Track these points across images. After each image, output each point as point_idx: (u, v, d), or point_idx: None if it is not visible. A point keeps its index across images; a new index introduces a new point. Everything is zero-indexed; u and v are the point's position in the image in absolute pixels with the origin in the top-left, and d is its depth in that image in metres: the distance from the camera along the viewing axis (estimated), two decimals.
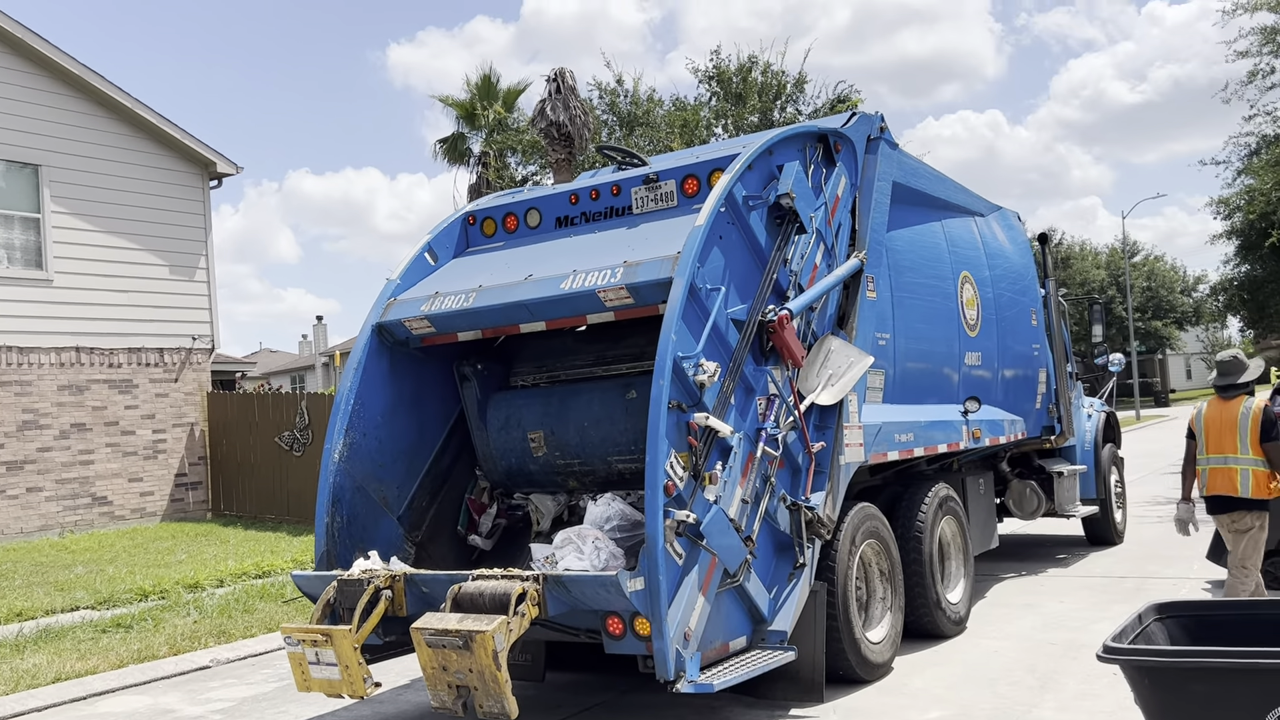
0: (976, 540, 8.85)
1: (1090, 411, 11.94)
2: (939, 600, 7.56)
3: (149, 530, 16.48)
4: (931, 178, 8.60)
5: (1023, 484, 10.46)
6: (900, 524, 7.50)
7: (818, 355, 6.58)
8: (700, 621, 5.30)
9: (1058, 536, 12.51)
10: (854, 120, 7.40)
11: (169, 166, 17.75)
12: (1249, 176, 20.69)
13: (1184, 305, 57.85)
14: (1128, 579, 9.70)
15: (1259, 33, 16.96)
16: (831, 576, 6.37)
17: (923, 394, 7.94)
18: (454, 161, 28.53)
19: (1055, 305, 10.88)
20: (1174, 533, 7.90)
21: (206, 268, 18.17)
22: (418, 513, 6.80)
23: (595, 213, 6.92)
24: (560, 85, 20.81)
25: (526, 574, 5.14)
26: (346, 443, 6.35)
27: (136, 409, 17.11)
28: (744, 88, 26.08)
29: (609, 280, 5.82)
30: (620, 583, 4.92)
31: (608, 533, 5.74)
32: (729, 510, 5.56)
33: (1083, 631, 7.70)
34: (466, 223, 7.37)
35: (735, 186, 6.06)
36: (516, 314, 6.20)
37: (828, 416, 6.54)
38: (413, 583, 5.56)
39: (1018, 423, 9.56)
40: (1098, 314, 12.81)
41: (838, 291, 6.92)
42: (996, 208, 10.14)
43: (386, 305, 6.67)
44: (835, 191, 7.03)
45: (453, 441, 7.08)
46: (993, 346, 9.18)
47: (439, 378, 6.99)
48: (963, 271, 8.73)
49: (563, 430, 6.69)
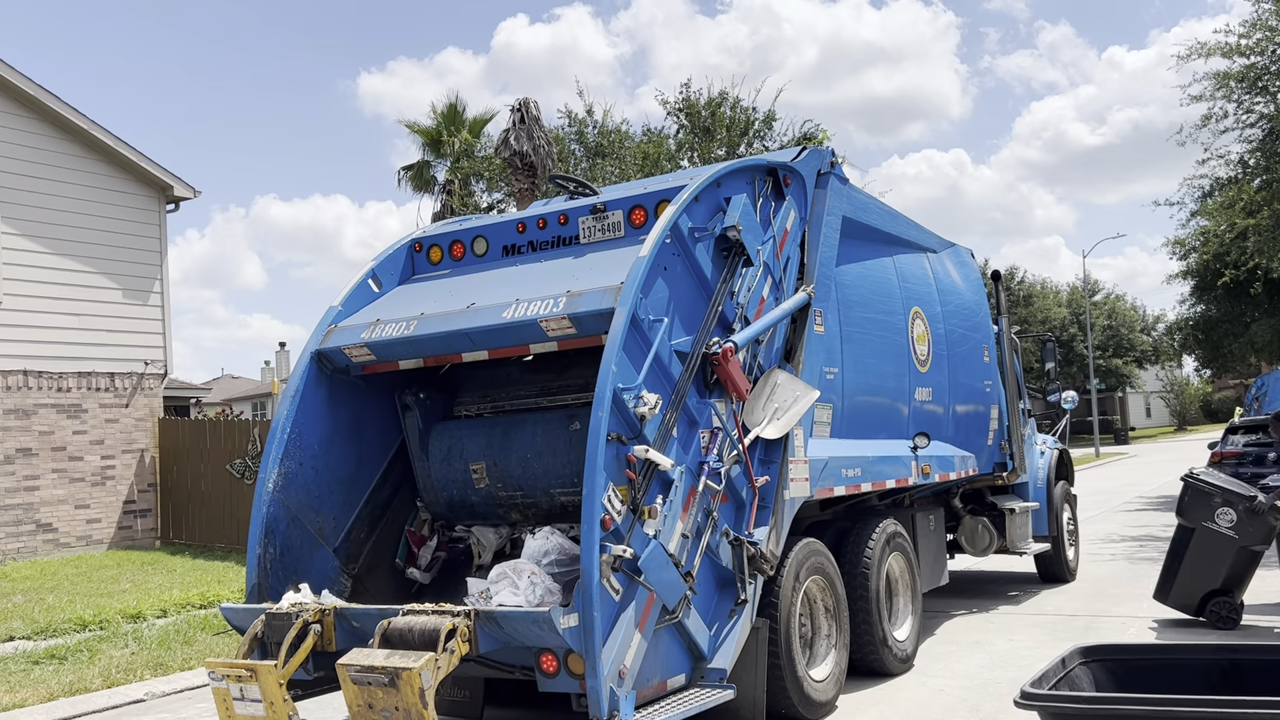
0: (926, 577, 8.81)
1: (1043, 448, 11.97)
2: (885, 638, 7.49)
3: (95, 558, 16.11)
4: (883, 213, 8.62)
5: (975, 520, 10.45)
6: (847, 560, 7.44)
7: (763, 388, 6.53)
8: (637, 659, 5.20)
9: (1010, 573, 12.51)
10: (804, 155, 7.41)
11: (124, 189, 17.53)
12: (1203, 218, 21.03)
13: (1143, 344, 58.61)
14: (1078, 617, 9.68)
15: (1212, 78, 17.26)
16: (774, 613, 6.28)
17: (872, 429, 7.91)
18: (419, 189, 28.45)
19: (1008, 342, 10.93)
20: (1126, 570, 7.91)
21: (161, 292, 17.92)
22: (355, 544, 6.65)
23: (542, 242, 6.86)
24: (525, 115, 20.78)
25: (458, 609, 5.02)
26: (282, 472, 6.21)
27: (85, 434, 16.78)
28: (713, 122, 26.21)
29: (551, 310, 5.75)
30: (553, 619, 4.82)
31: (545, 567, 5.63)
32: (669, 545, 5.48)
33: (1029, 670, 7.63)
34: (413, 250, 7.28)
35: (681, 218, 6.02)
36: (458, 343, 6.11)
37: (773, 450, 6.49)
38: (343, 617, 5.42)
39: (969, 459, 9.55)
40: (1050, 351, 12.89)
41: (785, 325, 6.89)
42: (949, 244, 10.19)
43: (327, 332, 6.56)
44: (784, 225, 7.02)
45: (393, 472, 6.96)
46: (944, 382, 9.18)
47: (380, 407, 6.88)
48: (914, 307, 8.75)
49: (505, 462, 6.58)
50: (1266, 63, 16.58)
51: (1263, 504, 8.54)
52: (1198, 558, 8.80)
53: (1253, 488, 8.87)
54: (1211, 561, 8.73)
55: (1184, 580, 8.87)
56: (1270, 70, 16.60)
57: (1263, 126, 17.07)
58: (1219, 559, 8.72)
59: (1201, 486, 8.84)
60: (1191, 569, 8.83)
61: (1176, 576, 8.91)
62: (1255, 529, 8.57)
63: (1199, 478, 8.92)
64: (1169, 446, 46.28)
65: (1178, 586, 8.89)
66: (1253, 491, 8.72)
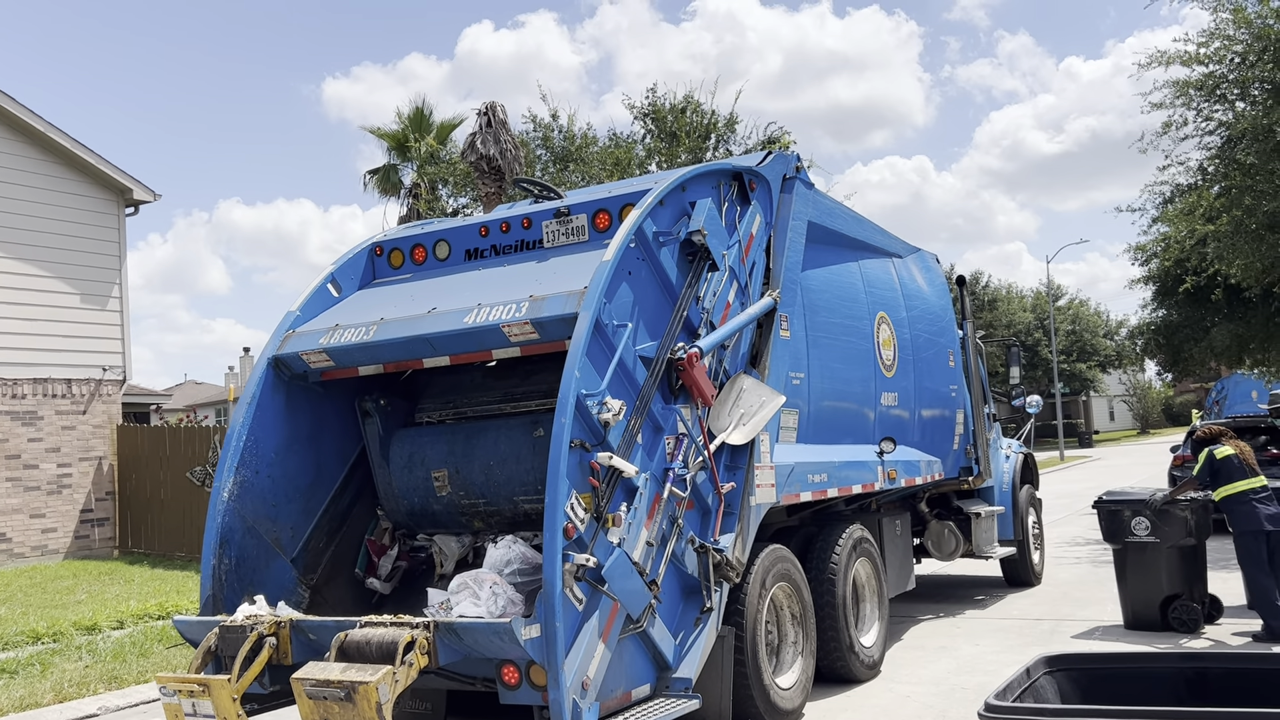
0: (893, 582, 8.79)
1: (1008, 453, 12.02)
2: (852, 644, 7.45)
3: (50, 569, 15.77)
4: (848, 218, 8.60)
5: (941, 525, 10.46)
6: (814, 566, 7.40)
7: (729, 394, 6.48)
8: (600, 669, 5.12)
9: (976, 577, 12.54)
10: (770, 159, 7.37)
11: (82, 193, 17.22)
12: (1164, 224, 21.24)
13: (1107, 349, 59.24)
14: (1043, 621, 9.70)
15: (1172, 86, 17.44)
16: (740, 621, 6.22)
17: (838, 434, 7.88)
18: (385, 193, 28.17)
19: (973, 347, 10.96)
20: (1090, 574, 7.96)
21: (120, 296, 17.62)
22: (313, 554, 6.52)
23: (505, 246, 6.77)
24: (491, 119, 20.65)
25: (417, 621, 4.92)
26: (237, 481, 6.07)
27: (40, 442, 16.44)
28: (678, 126, 26.19)
29: (514, 315, 5.66)
30: (514, 630, 4.72)
31: (508, 576, 5.54)
32: (633, 553, 5.40)
33: (996, 675, 7.63)
34: (373, 254, 7.17)
35: (646, 222, 5.96)
36: (418, 348, 6.00)
37: (739, 456, 6.43)
38: (299, 629, 5.29)
39: (935, 463, 9.55)
40: (1015, 355, 12.95)
41: (751, 330, 6.84)
42: (915, 249, 10.20)
43: (284, 337, 6.43)
44: (750, 230, 6.98)
45: (354, 480, 6.83)
46: (910, 387, 9.18)
47: (340, 413, 6.75)
48: (879, 312, 8.73)
49: (468, 469, 6.48)
50: (1225, 71, 16.78)
51: (1156, 501, 8.67)
52: (1137, 573, 8.88)
53: (1155, 491, 9.04)
54: (1150, 572, 8.81)
55: (1135, 598, 8.93)
56: (1228, 79, 16.81)
57: (1221, 134, 17.27)
58: (1155, 567, 8.79)
59: (1109, 506, 9.01)
60: (1137, 585, 8.90)
61: (1129, 598, 8.97)
62: (1172, 527, 8.68)
63: (1104, 499, 9.10)
64: (1132, 449, 46.81)
65: (1133, 606, 8.96)
66: (1152, 494, 8.86)
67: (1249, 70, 15.73)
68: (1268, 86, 15.78)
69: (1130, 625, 8.96)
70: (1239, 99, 16.54)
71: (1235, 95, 16.74)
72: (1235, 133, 16.64)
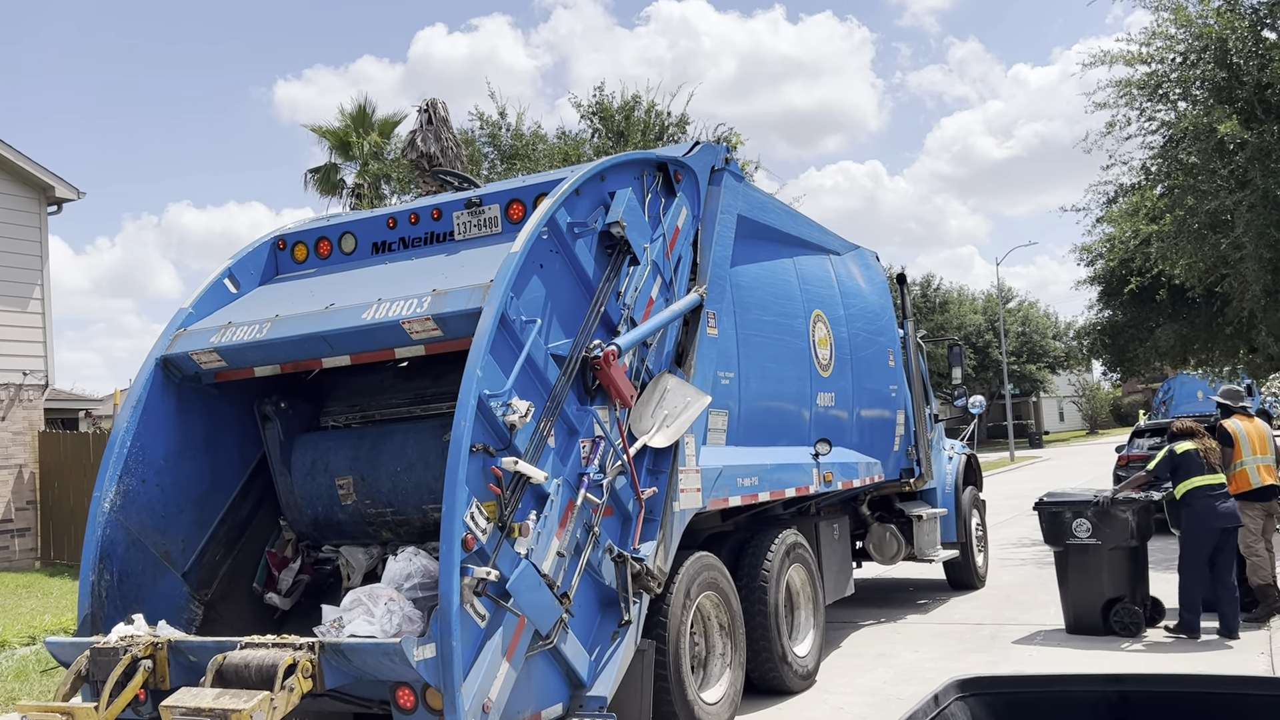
0: (830, 588, 8.52)
1: (951, 454, 11.82)
2: (785, 654, 7.16)
3: None
4: (782, 213, 8.33)
5: (882, 528, 10.23)
6: (744, 573, 7.10)
7: (652, 394, 6.16)
8: (504, 690, 4.77)
9: (920, 580, 12.33)
10: (697, 150, 7.07)
11: (1, 190, 16.51)
12: (1108, 224, 21.27)
13: (1056, 350, 59.77)
14: (984, 625, 9.49)
15: (1115, 85, 17.41)
16: (663, 633, 5.91)
17: (771, 435, 7.59)
18: (326, 193, 27.52)
19: (915, 346, 10.74)
20: (1034, 576, 7.80)
21: (42, 298, 16.92)
22: (209, 568, 6.10)
23: (415, 238, 6.40)
24: (432, 116, 20.15)
25: (300, 642, 4.54)
26: (120, 490, 5.65)
27: None
28: (626, 126, 25.88)
29: (415, 310, 5.30)
30: (405, 651, 4.36)
31: (408, 591, 5.16)
32: (542, 565, 5.06)
33: (932, 684, 7.36)
34: (276, 248, 6.76)
35: (559, 212, 5.62)
36: (315, 347, 5.61)
37: (662, 460, 6.11)
38: (178, 650, 4.89)
39: (874, 465, 9.30)
40: (957, 355, 12.77)
41: (676, 327, 6.52)
42: (854, 247, 9.96)
43: (174, 336, 6.01)
44: (675, 223, 6.66)
45: (254, 488, 6.41)
46: (847, 387, 8.92)
47: (238, 417, 6.33)
48: (815, 310, 8.46)
49: (374, 476, 6.09)
50: (1166, 70, 16.77)
51: (1105, 501, 8.51)
52: (1079, 575, 8.70)
53: (1096, 492, 8.89)
54: (1092, 574, 8.64)
55: (1077, 602, 8.74)
56: (1170, 78, 16.80)
57: (1164, 133, 17.27)
58: (1097, 569, 8.62)
59: (1049, 508, 8.84)
60: (1078, 588, 8.72)
61: (1071, 601, 8.79)
62: (1114, 529, 8.52)
63: (1044, 500, 8.93)
64: (1081, 449, 47.23)
65: (1075, 610, 8.77)
66: (1094, 495, 8.68)
67: (1190, 70, 15.73)
68: (1208, 86, 15.79)
69: (1072, 629, 8.77)
70: (1180, 98, 16.54)
71: (1177, 95, 16.75)
72: (1177, 132, 16.65)
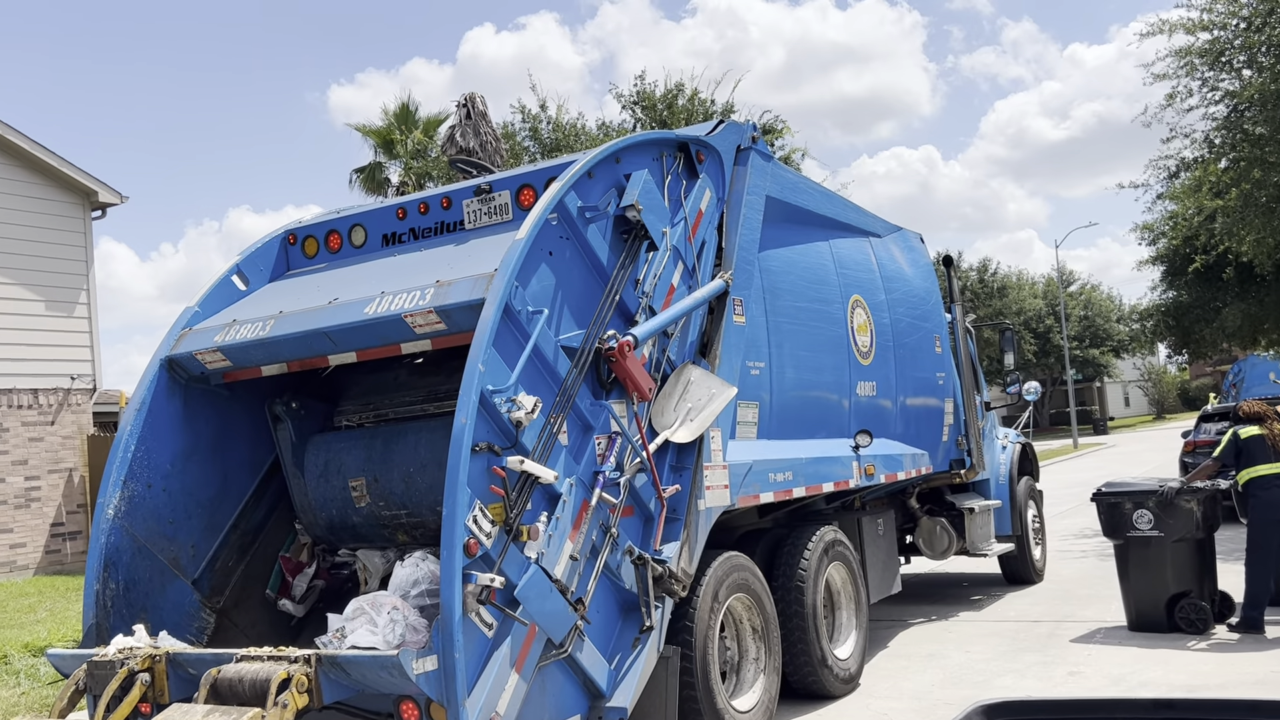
0: (874, 587, 8.14)
1: (1005, 443, 11.33)
2: (825, 657, 6.80)
3: (17, 585, 15.23)
4: (815, 194, 7.94)
5: (932, 521, 9.80)
6: (780, 573, 6.76)
7: (675, 387, 5.84)
8: (514, 704, 4.50)
9: (975, 575, 11.86)
10: (721, 128, 6.72)
11: (45, 196, 16.66)
12: (1170, 201, 20.46)
13: (1120, 333, 58.18)
14: (1041, 622, 9.03)
15: (1175, 54, 16.67)
16: (688, 639, 5.59)
17: (807, 428, 7.22)
18: (371, 191, 27.54)
19: (963, 331, 10.27)
20: (1095, 569, 7.32)
21: (88, 302, 17.06)
22: (221, 575, 5.91)
23: (424, 229, 6.15)
24: (471, 111, 20.03)
25: (296, 654, 4.31)
26: (125, 496, 5.46)
27: (7, 454, 15.90)
28: (669, 114, 25.51)
29: (418, 303, 5.04)
30: (403, 664, 4.11)
31: (414, 599, 4.92)
32: (554, 569, 4.77)
33: (985, 687, 6.98)
34: (286, 243, 6.55)
35: (569, 195, 5.32)
36: (319, 344, 5.38)
37: (685, 456, 5.79)
38: (177, 663, 4.69)
39: (921, 457, 8.87)
40: (1009, 340, 12.24)
41: (701, 315, 6.19)
42: (896, 228, 9.52)
43: (179, 336, 5.82)
44: (698, 205, 6.33)
45: (268, 492, 6.22)
46: (890, 375, 8.51)
47: (250, 418, 6.13)
48: (854, 295, 8.07)
49: (387, 477, 5.85)
50: (1230, 37, 16.01)
51: (1169, 491, 7.98)
52: (1140, 570, 8.20)
53: (1160, 481, 8.36)
54: (1154, 568, 8.13)
55: (1139, 597, 8.25)
56: (1234, 45, 16.03)
57: (1228, 103, 16.50)
58: (1160, 563, 8.12)
59: (1108, 499, 8.33)
60: (1140, 583, 8.22)
61: (1133, 597, 8.29)
62: (1178, 520, 8.01)
63: (1103, 490, 8.43)
64: (1147, 435, 45.91)
65: (1136, 606, 8.27)
66: (1157, 485, 8.17)
67: (1255, 35, 14.98)
68: (1275, 51, 15.03)
69: (1134, 626, 8.28)
70: (1245, 66, 15.77)
71: (1241, 62, 15.97)
72: (1242, 101, 15.88)
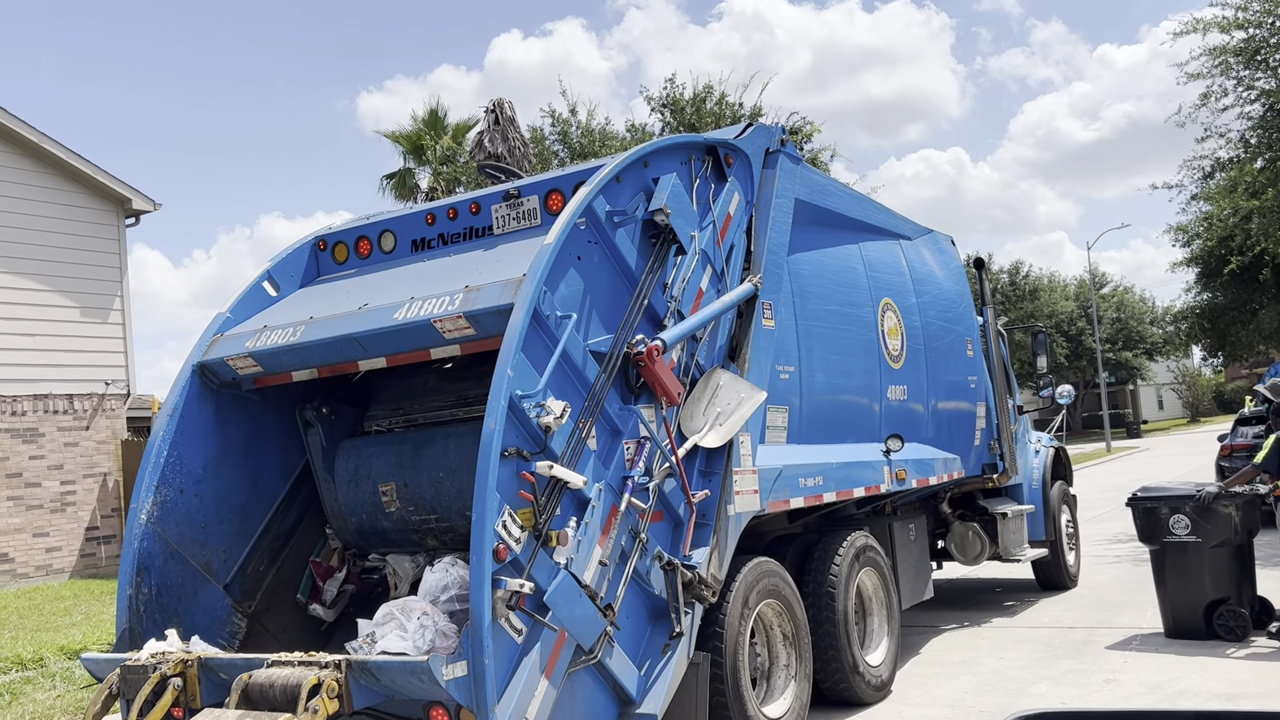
0: (907, 592, 8.06)
1: (1038, 447, 11.21)
2: (856, 664, 6.74)
3: (53, 589, 15.42)
4: (845, 196, 7.89)
5: (965, 526, 9.71)
6: (810, 579, 6.71)
7: (704, 391, 5.82)
8: (543, 709, 4.48)
9: (1008, 580, 11.73)
10: (749, 131, 6.69)
11: (79, 204, 16.87)
12: (1205, 202, 20.20)
13: (1153, 336, 57.50)
14: (1075, 629, 8.91)
15: (1209, 53, 16.46)
16: (719, 645, 5.56)
17: (838, 432, 7.17)
18: (401, 197, 27.69)
19: (995, 334, 10.17)
20: (1130, 574, 7.20)
21: (122, 309, 17.26)
22: (252, 579, 5.94)
23: (453, 234, 6.16)
24: (499, 116, 20.10)
25: (326, 660, 4.31)
26: (157, 501, 5.50)
27: (42, 459, 16.11)
28: (697, 117, 25.49)
29: (446, 308, 5.05)
30: (433, 669, 4.10)
31: (444, 604, 4.91)
32: (583, 575, 4.76)
33: (1019, 695, 6.90)
34: (316, 249, 6.58)
35: (597, 200, 5.32)
36: (348, 349, 5.40)
37: (714, 461, 5.76)
38: (208, 668, 4.71)
39: (953, 461, 8.79)
40: (1041, 342, 12.10)
41: (729, 319, 6.16)
42: (926, 230, 9.44)
43: (211, 342, 5.86)
44: (726, 209, 6.30)
45: (299, 496, 6.25)
46: (921, 379, 8.43)
47: (280, 424, 6.17)
48: (884, 298, 8.01)
49: (416, 482, 5.87)
50: (1265, 35, 15.78)
51: (1207, 496, 7.84)
52: (1178, 576, 8.06)
53: (1196, 485, 8.21)
54: (1192, 574, 7.99)
55: (1176, 604, 8.11)
56: (1269, 43, 15.80)
57: (1264, 102, 16.26)
58: (1198, 569, 7.98)
59: (1144, 504, 8.19)
60: (1177, 589, 8.09)
61: (1170, 604, 8.16)
62: (1216, 525, 7.87)
63: (1138, 495, 8.29)
64: (1182, 439, 45.34)
65: (1174, 612, 8.13)
66: (1194, 489, 8.03)
67: None
68: None
69: (1171, 633, 8.15)
70: None
71: (1278, 60, 15.76)
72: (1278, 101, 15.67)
